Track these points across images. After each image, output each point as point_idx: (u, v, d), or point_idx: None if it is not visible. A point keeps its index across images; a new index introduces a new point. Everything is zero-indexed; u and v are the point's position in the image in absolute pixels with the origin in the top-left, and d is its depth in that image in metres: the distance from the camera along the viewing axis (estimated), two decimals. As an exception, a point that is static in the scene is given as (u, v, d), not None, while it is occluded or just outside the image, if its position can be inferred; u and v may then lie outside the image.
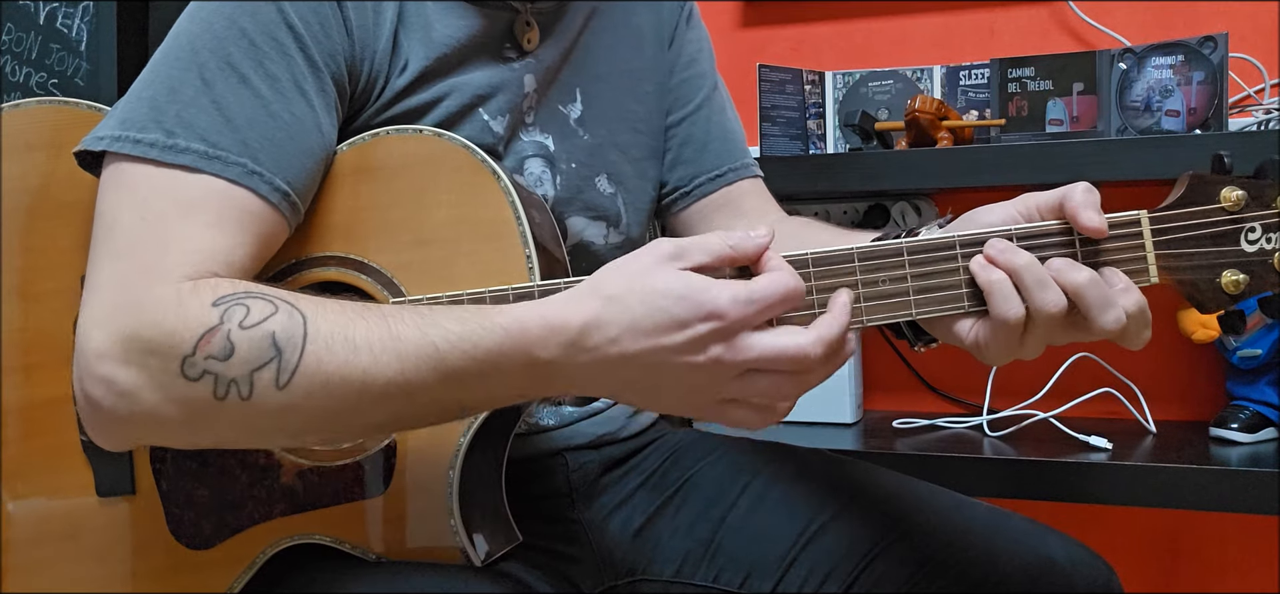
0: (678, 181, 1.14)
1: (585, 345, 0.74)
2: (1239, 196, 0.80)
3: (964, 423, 1.67)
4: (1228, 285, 0.81)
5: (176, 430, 0.78)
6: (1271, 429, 1.52)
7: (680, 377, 0.74)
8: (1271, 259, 0.80)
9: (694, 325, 0.73)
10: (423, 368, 0.75)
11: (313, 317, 0.76)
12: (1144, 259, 0.81)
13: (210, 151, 0.81)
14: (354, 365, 0.75)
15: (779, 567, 1.00)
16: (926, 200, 1.77)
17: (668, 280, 0.74)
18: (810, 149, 1.74)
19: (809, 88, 1.74)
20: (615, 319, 0.74)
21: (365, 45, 0.89)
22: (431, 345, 0.75)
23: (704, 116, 1.15)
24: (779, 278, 0.75)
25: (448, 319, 0.76)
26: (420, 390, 0.75)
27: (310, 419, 0.76)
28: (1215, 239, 0.81)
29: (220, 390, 0.75)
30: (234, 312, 0.75)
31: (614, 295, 0.74)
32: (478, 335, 0.75)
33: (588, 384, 0.77)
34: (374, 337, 0.75)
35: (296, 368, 0.74)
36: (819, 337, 0.74)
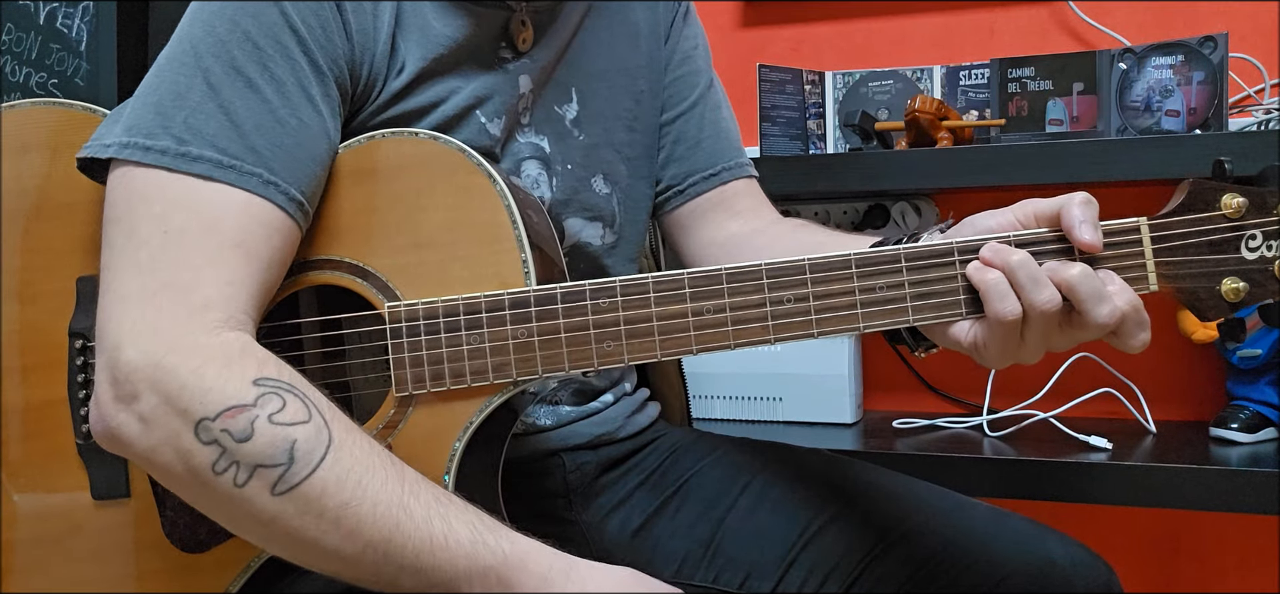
0: (671, 180, 1.14)
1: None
2: (1240, 204, 0.80)
3: (964, 423, 1.67)
4: (1228, 293, 0.81)
5: (168, 477, 0.78)
6: (1271, 429, 1.52)
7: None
8: (1272, 267, 0.80)
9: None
10: (409, 548, 0.75)
11: (338, 444, 0.75)
12: (1143, 267, 0.81)
13: (223, 160, 0.80)
14: (352, 510, 0.75)
15: (778, 567, 1.00)
16: (926, 200, 1.77)
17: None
18: (810, 149, 1.74)
19: (809, 88, 1.74)
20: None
21: (364, 48, 0.89)
22: (429, 535, 0.75)
23: (698, 114, 1.15)
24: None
25: (458, 519, 0.76)
26: (393, 566, 0.75)
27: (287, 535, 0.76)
28: (1215, 246, 0.81)
29: (220, 466, 0.74)
30: (269, 401, 0.75)
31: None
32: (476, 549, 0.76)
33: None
34: (384, 494, 0.75)
35: (298, 485, 0.74)
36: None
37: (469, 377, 0.85)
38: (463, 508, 0.77)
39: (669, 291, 0.84)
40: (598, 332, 0.85)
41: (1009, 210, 0.84)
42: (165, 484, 0.80)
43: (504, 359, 0.85)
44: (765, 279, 0.83)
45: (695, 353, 0.85)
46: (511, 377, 0.85)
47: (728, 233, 1.13)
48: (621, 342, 0.84)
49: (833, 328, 0.83)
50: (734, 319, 0.84)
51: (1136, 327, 0.80)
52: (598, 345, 0.85)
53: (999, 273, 0.79)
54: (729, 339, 0.84)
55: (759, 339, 0.84)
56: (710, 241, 1.14)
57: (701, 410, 1.73)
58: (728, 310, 0.84)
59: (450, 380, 0.85)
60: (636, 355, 0.84)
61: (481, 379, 0.85)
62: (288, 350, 0.88)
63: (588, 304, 0.85)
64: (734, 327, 0.84)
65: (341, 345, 0.96)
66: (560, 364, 0.85)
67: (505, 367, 0.85)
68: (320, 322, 0.93)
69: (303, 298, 0.93)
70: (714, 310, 0.84)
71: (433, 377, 0.85)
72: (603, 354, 0.85)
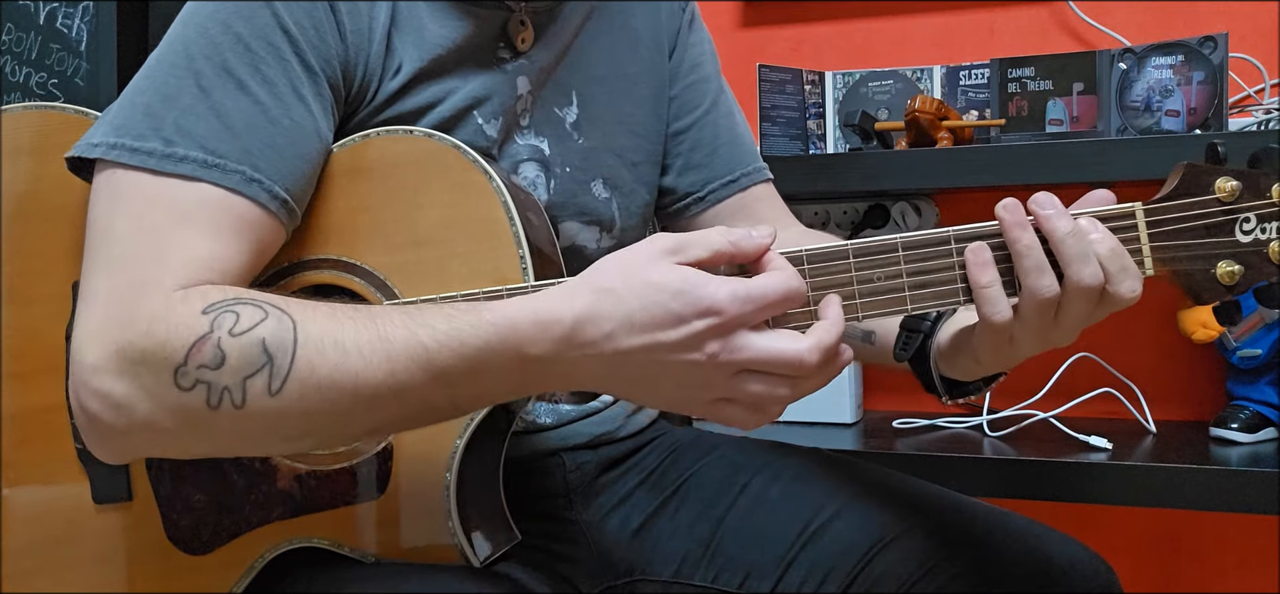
0: (690, 187, 1.14)
1: (578, 341, 0.74)
2: (1233, 187, 0.80)
3: (964, 423, 1.67)
4: (1223, 276, 0.81)
5: (173, 441, 0.78)
6: (1271, 429, 1.52)
7: (675, 373, 0.74)
8: (1266, 249, 0.80)
9: (691, 321, 0.72)
10: (412, 367, 0.75)
11: (302, 321, 0.75)
12: (1139, 251, 0.81)
13: (210, 159, 0.80)
14: (345, 368, 0.74)
15: (778, 567, 1.00)
16: (926, 200, 1.77)
17: (665, 274, 0.73)
18: (810, 149, 1.74)
19: (809, 88, 1.74)
20: (610, 313, 0.73)
21: (358, 49, 0.89)
22: (420, 345, 0.75)
23: (712, 121, 1.14)
24: (780, 277, 0.75)
25: (436, 318, 0.76)
26: (411, 391, 0.75)
27: (304, 424, 0.76)
28: (1210, 230, 0.81)
29: (213, 399, 0.74)
30: (223, 319, 0.75)
31: (609, 288, 0.74)
32: (465, 333, 0.75)
33: (582, 379, 0.76)
34: (363, 338, 0.75)
35: (288, 373, 0.74)
36: (815, 343, 0.74)
37: (468, 375, 0.85)
38: (436, 309, 0.77)
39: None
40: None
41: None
42: (176, 451, 0.81)
43: (503, 357, 0.85)
44: None
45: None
46: (512, 373, 0.85)
47: None
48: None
49: None
50: None
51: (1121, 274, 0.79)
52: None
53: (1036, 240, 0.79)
54: (728, 333, 0.84)
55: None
56: None
57: (701, 410, 1.73)
58: None
59: (450, 379, 0.85)
60: (636, 351, 0.84)
61: (481, 378, 0.85)
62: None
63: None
64: (733, 320, 0.84)
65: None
66: (559, 363, 0.85)
67: (505, 364, 0.85)
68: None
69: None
70: None
71: (433, 375, 0.85)
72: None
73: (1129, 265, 0.79)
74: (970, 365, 0.89)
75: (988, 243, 0.80)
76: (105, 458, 0.80)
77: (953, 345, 0.90)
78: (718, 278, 0.73)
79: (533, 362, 0.75)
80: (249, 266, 0.82)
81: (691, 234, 0.76)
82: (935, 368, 0.94)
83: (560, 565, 1.01)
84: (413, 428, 0.83)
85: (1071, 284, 0.78)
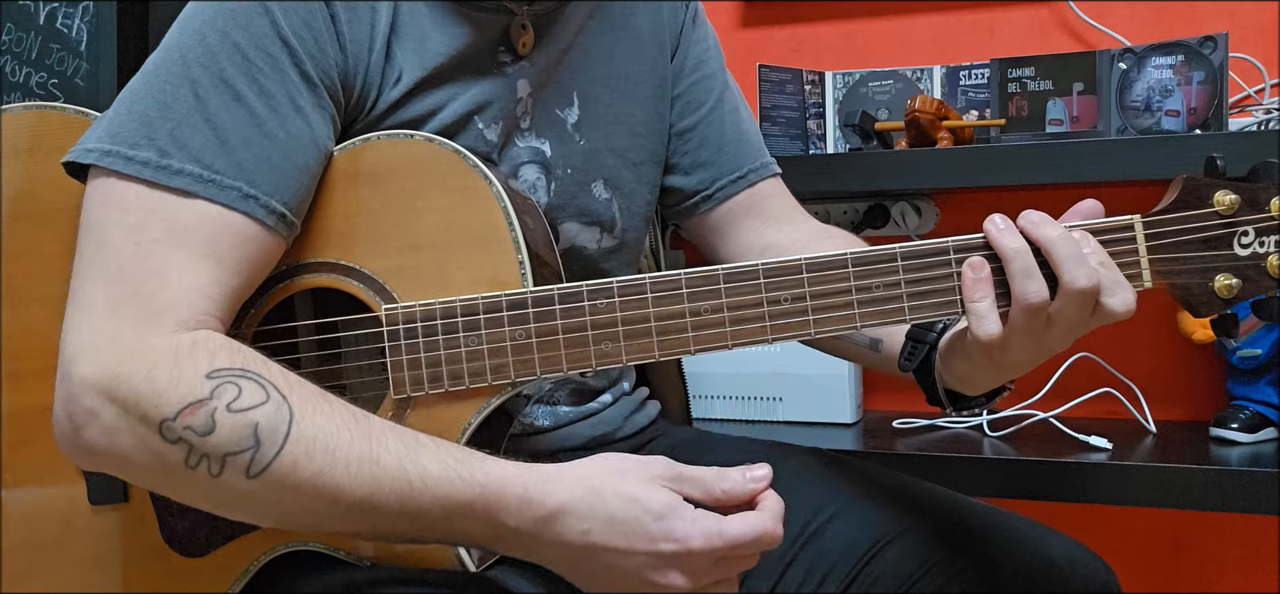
0: (699, 185, 1.14)
1: (555, 527, 0.78)
2: (1232, 200, 0.80)
3: (964, 423, 1.67)
4: (1221, 289, 0.81)
5: (144, 476, 0.79)
6: (1271, 429, 1.52)
7: (634, 581, 0.78)
8: (1264, 262, 0.80)
9: (660, 544, 0.76)
10: (391, 498, 0.77)
11: (299, 416, 0.76)
12: (1137, 263, 0.81)
13: (205, 175, 0.80)
14: (327, 477, 0.76)
15: (778, 566, 0.99)
16: (926, 200, 1.77)
17: (653, 494, 0.77)
18: (810, 149, 1.74)
19: (809, 88, 1.74)
20: (593, 512, 0.77)
21: (358, 58, 0.89)
22: (406, 481, 0.77)
23: (718, 117, 1.14)
24: (754, 520, 0.78)
25: (430, 460, 0.78)
26: (382, 517, 0.77)
27: (272, 510, 0.78)
28: (1208, 243, 0.81)
29: (192, 461, 0.76)
30: (225, 390, 0.76)
31: (596, 488, 0.78)
32: (453, 487, 0.77)
33: (545, 557, 0.80)
34: (354, 453, 0.76)
35: (269, 464, 0.75)
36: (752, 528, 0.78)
37: (467, 378, 0.85)
38: (432, 447, 0.79)
39: (666, 292, 0.84)
40: (595, 332, 0.85)
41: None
42: (145, 485, 0.82)
43: (502, 361, 0.85)
44: (762, 278, 0.83)
45: (693, 353, 0.85)
46: (510, 378, 0.85)
47: (765, 241, 1.13)
48: (619, 342, 0.85)
49: (830, 327, 0.83)
50: (732, 319, 0.84)
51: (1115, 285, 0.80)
52: (595, 346, 0.85)
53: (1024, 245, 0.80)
54: (727, 339, 0.84)
55: (757, 338, 0.84)
56: (748, 248, 1.13)
57: (701, 410, 1.73)
58: (725, 310, 0.84)
59: (448, 382, 0.85)
60: (634, 356, 0.85)
61: (479, 381, 0.85)
62: (284, 354, 0.88)
63: (585, 305, 0.85)
64: (732, 326, 0.84)
65: (338, 348, 0.96)
66: (558, 365, 0.85)
67: (503, 368, 0.85)
68: (317, 325, 0.93)
69: (299, 301, 0.93)
70: (711, 310, 0.84)
71: (430, 379, 0.85)
72: (600, 355, 0.85)
73: (1120, 279, 0.80)
74: (964, 369, 0.89)
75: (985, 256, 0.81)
76: (76, 462, 0.81)
77: (948, 347, 0.90)
78: (698, 516, 0.77)
79: (507, 530, 0.78)
80: (248, 284, 0.83)
81: (693, 470, 0.80)
82: (939, 379, 0.94)
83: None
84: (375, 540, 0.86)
85: (1065, 286, 0.79)
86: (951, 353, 0.90)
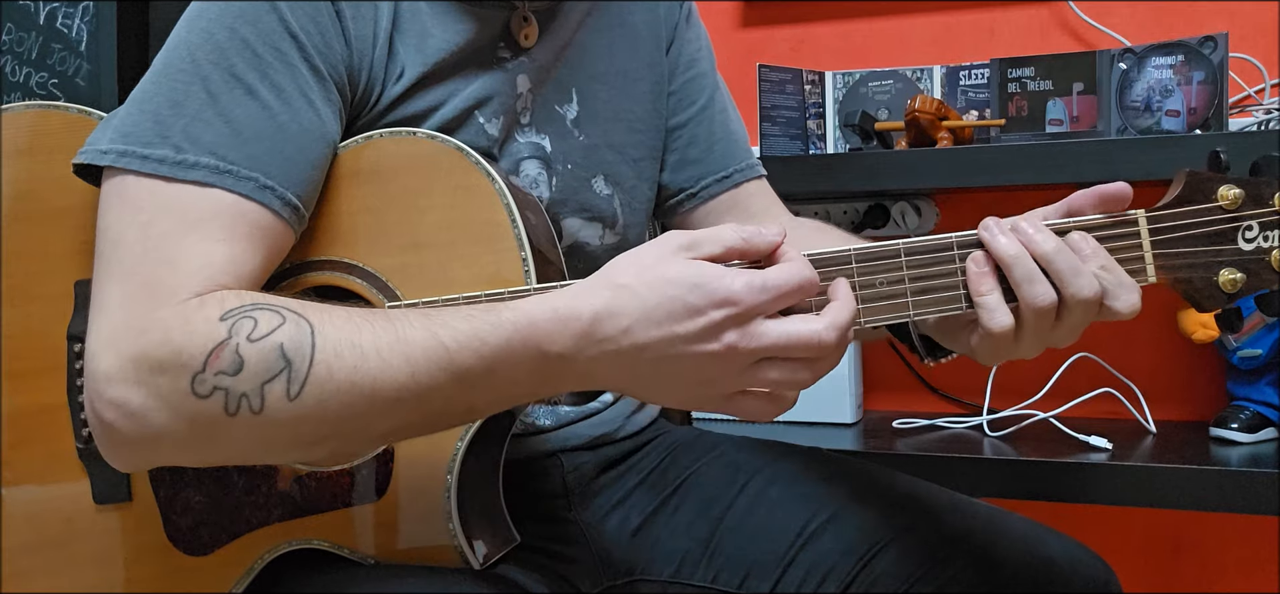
0: (684, 183, 1.14)
1: (597, 336, 0.74)
2: (1236, 195, 0.80)
3: (964, 423, 1.67)
4: (1225, 284, 0.81)
5: (189, 449, 0.78)
6: (1271, 429, 1.52)
7: (694, 366, 0.74)
8: (1268, 257, 0.80)
9: (708, 312, 0.72)
10: (432, 368, 0.75)
11: (320, 325, 0.75)
12: (1141, 258, 0.81)
13: (221, 165, 0.80)
14: (364, 371, 0.74)
15: (777, 566, 1.00)
16: (926, 200, 1.77)
17: (681, 268, 0.73)
18: (810, 149, 1.74)
19: (809, 88, 1.74)
20: (627, 308, 0.73)
21: (362, 54, 0.89)
22: (440, 345, 0.75)
23: (707, 117, 1.15)
24: (794, 267, 0.75)
25: (455, 318, 0.76)
26: (431, 392, 0.75)
27: (323, 428, 0.76)
28: (1212, 238, 0.81)
29: (231, 406, 0.74)
30: (242, 325, 0.75)
31: (625, 284, 0.74)
32: (485, 331, 0.75)
33: (601, 377, 0.76)
34: (382, 341, 0.75)
35: (307, 377, 0.74)
36: (831, 322, 0.74)
37: (470, 377, 0.85)
38: (453, 311, 0.77)
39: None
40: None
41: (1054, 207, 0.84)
42: (193, 459, 0.80)
43: (505, 358, 0.85)
44: None
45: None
46: (512, 376, 0.85)
47: None
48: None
49: None
50: None
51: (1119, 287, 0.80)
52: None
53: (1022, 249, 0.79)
54: (730, 335, 0.84)
55: None
56: None
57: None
58: None
59: (451, 381, 0.85)
60: (637, 353, 0.84)
61: (482, 379, 0.85)
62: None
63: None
64: (735, 322, 0.84)
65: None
66: (561, 363, 0.85)
67: (506, 366, 0.85)
68: (320, 322, 0.93)
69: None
70: None
71: (434, 377, 0.85)
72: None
73: (1124, 279, 0.80)
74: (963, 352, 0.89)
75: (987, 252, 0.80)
76: (121, 467, 0.80)
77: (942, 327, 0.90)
78: (733, 269, 0.74)
79: (553, 359, 0.75)
80: (262, 272, 0.82)
81: (704, 231, 0.76)
82: (914, 327, 0.94)
83: (559, 566, 1.01)
84: (430, 433, 0.83)
85: (1069, 297, 0.78)
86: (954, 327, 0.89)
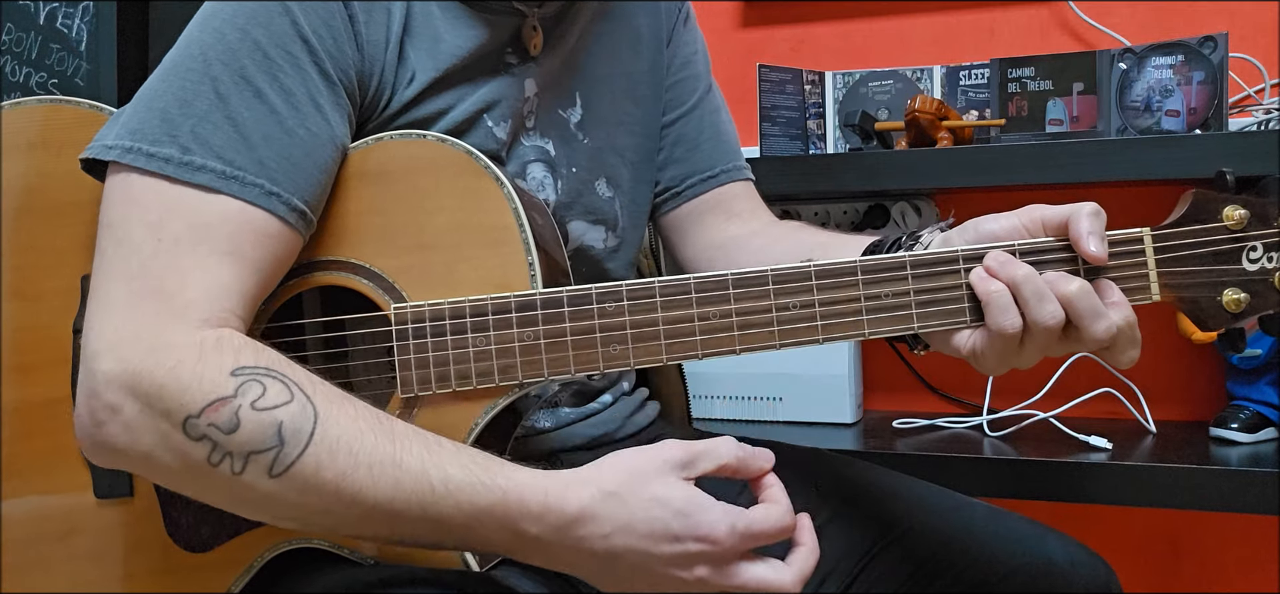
0: (670, 181, 1.14)
1: (576, 533, 0.76)
2: (1241, 215, 0.81)
3: (964, 423, 1.67)
4: (1229, 304, 0.81)
5: (166, 475, 0.78)
6: (1271, 429, 1.52)
7: (663, 583, 0.77)
8: (1273, 278, 0.81)
9: (687, 542, 0.75)
10: (413, 503, 0.76)
11: (324, 417, 0.76)
12: (1146, 277, 0.81)
13: (228, 171, 0.80)
14: (350, 479, 0.75)
15: (777, 567, 1.00)
16: (926, 200, 1.77)
17: (670, 490, 0.76)
18: (810, 149, 1.74)
19: (809, 88, 1.74)
20: (612, 516, 0.76)
21: (374, 59, 0.89)
22: (428, 486, 0.76)
23: (697, 117, 1.15)
24: (775, 513, 0.78)
25: (452, 463, 0.77)
26: (403, 521, 0.77)
27: (293, 511, 0.77)
28: (1217, 257, 0.81)
29: (215, 458, 0.75)
30: (249, 388, 0.75)
31: (614, 492, 0.77)
32: (475, 492, 0.76)
33: (569, 564, 0.79)
34: (377, 457, 0.76)
35: (293, 464, 0.75)
36: (798, 574, 0.78)
37: (474, 379, 0.85)
38: (454, 451, 0.78)
39: (675, 297, 0.84)
40: (604, 335, 0.85)
41: (1015, 215, 0.84)
42: (165, 483, 0.81)
43: (510, 361, 0.85)
44: (771, 285, 0.84)
45: (701, 358, 0.85)
46: (517, 379, 0.85)
47: (727, 235, 1.14)
48: (628, 345, 0.85)
49: (838, 334, 0.83)
50: (740, 324, 0.84)
51: (1129, 343, 0.81)
52: (604, 349, 0.85)
53: (1002, 285, 0.80)
54: (734, 344, 0.84)
55: (764, 344, 0.84)
56: (709, 244, 1.14)
57: (702, 410, 1.73)
58: (734, 316, 0.84)
59: (456, 382, 0.85)
60: (642, 359, 0.85)
61: (487, 381, 0.85)
62: (293, 351, 0.88)
63: (594, 308, 0.85)
64: (740, 332, 0.84)
65: (347, 347, 0.96)
66: (566, 367, 0.85)
67: (511, 369, 0.85)
68: (326, 322, 0.93)
69: (308, 299, 0.93)
70: (720, 316, 0.84)
71: (438, 378, 0.85)
72: (608, 358, 0.85)
73: (1097, 306, 0.80)
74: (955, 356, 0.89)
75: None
76: (97, 462, 0.81)
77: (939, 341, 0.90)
78: (718, 507, 0.76)
79: (528, 539, 0.77)
80: (268, 282, 0.83)
81: (701, 446, 0.79)
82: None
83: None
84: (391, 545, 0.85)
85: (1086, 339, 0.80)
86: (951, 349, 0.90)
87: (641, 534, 0.76)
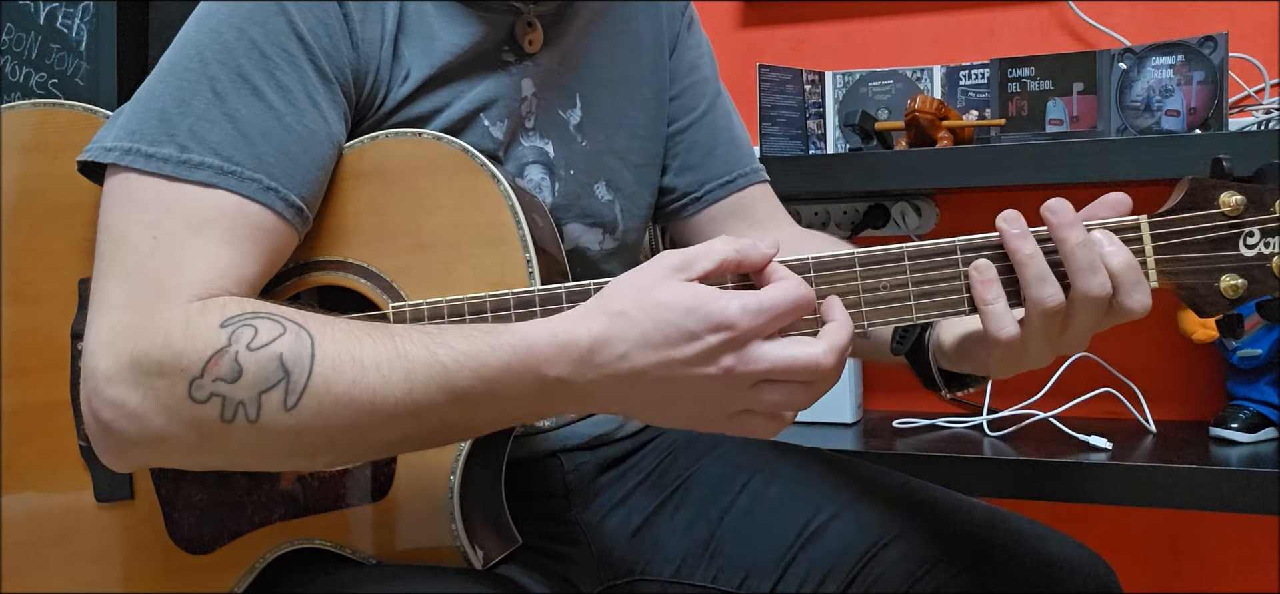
0: (687, 187, 1.14)
1: (594, 362, 0.74)
2: (1238, 201, 0.80)
3: (964, 423, 1.67)
4: (1226, 290, 0.81)
5: (186, 452, 0.78)
6: (1271, 429, 1.52)
7: (692, 389, 0.74)
8: (1270, 263, 0.81)
9: (704, 336, 0.72)
10: (431, 387, 0.75)
11: (320, 337, 0.76)
12: (1144, 263, 0.81)
13: (225, 166, 0.80)
14: (362, 385, 0.74)
15: (777, 567, 1.00)
16: (926, 200, 1.77)
17: (675, 293, 0.73)
18: (810, 149, 1.74)
19: (809, 88, 1.74)
20: (624, 334, 0.74)
21: (369, 57, 0.89)
22: (439, 364, 0.75)
23: (709, 122, 1.15)
24: (789, 286, 0.75)
25: (455, 337, 0.76)
26: (428, 411, 0.75)
27: (319, 440, 0.76)
28: (1214, 243, 0.81)
29: (227, 412, 0.74)
30: (242, 333, 0.75)
31: (621, 311, 0.74)
32: (485, 354, 0.75)
33: (600, 399, 0.76)
34: (381, 356, 0.75)
35: (304, 389, 0.74)
36: (830, 345, 0.74)
37: (473, 377, 0.85)
38: (455, 329, 0.77)
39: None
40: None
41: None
42: (187, 463, 0.80)
43: (509, 359, 0.85)
44: None
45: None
46: (516, 376, 0.85)
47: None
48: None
49: None
50: None
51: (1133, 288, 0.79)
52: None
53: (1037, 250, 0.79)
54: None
55: None
56: None
57: (701, 410, 1.73)
58: None
59: (454, 381, 0.85)
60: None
61: (486, 380, 0.85)
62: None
63: (592, 304, 0.84)
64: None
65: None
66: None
67: (510, 367, 0.85)
68: (324, 322, 0.93)
69: (306, 299, 0.93)
70: None
71: (437, 377, 0.85)
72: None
73: (1141, 278, 0.79)
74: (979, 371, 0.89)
75: (992, 256, 0.80)
76: (116, 467, 0.80)
77: (959, 352, 0.91)
78: (728, 292, 0.73)
79: (552, 382, 0.75)
80: (264, 274, 0.83)
81: (697, 248, 0.76)
82: (934, 361, 0.94)
83: (560, 566, 1.01)
84: (428, 447, 0.83)
85: (1078, 293, 0.78)
86: (964, 358, 0.90)
87: (657, 343, 0.73)
